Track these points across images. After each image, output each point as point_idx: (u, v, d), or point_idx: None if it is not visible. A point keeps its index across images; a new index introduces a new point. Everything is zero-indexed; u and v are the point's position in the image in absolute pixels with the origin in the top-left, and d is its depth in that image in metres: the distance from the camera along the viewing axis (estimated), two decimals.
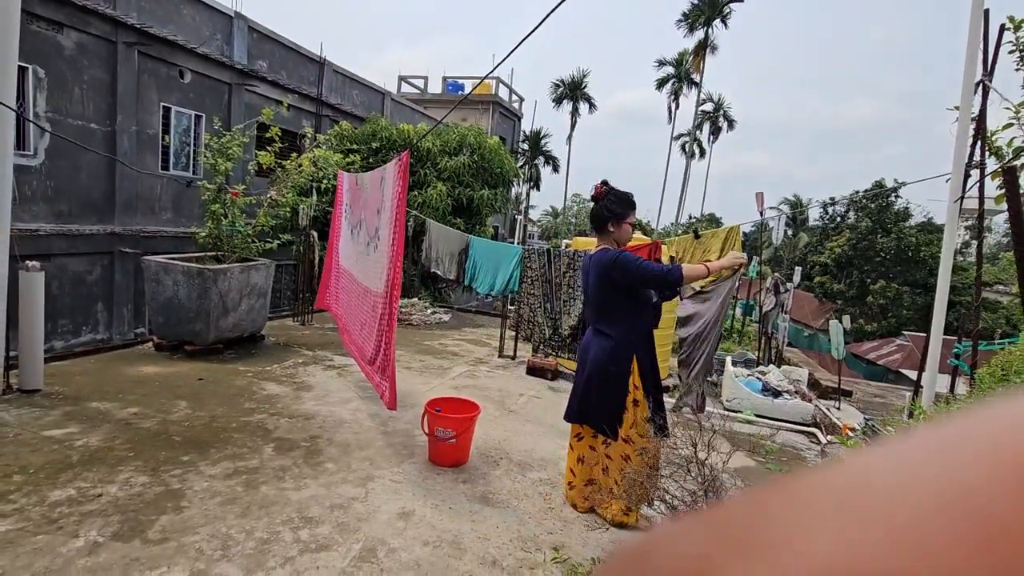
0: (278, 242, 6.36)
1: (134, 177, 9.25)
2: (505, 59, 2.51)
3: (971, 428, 0.16)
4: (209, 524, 2.52)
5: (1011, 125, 3.42)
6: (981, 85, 3.18)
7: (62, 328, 8.54)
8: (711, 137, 38.30)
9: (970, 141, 3.34)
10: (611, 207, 2.80)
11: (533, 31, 2.44)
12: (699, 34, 31.41)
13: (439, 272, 7.71)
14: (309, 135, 7.82)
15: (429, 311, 8.97)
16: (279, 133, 6.15)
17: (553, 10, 2.27)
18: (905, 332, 18.67)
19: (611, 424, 2.74)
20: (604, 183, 2.88)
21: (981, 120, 3.20)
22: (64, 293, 8.53)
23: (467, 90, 22.35)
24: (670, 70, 34.46)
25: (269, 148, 6.21)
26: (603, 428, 2.76)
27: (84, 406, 3.80)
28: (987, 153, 3.34)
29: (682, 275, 2.63)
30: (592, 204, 2.91)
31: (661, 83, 35.09)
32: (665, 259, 5.31)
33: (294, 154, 6.79)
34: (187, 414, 3.82)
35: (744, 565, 0.16)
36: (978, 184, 3.21)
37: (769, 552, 0.15)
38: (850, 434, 4.02)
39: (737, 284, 3.18)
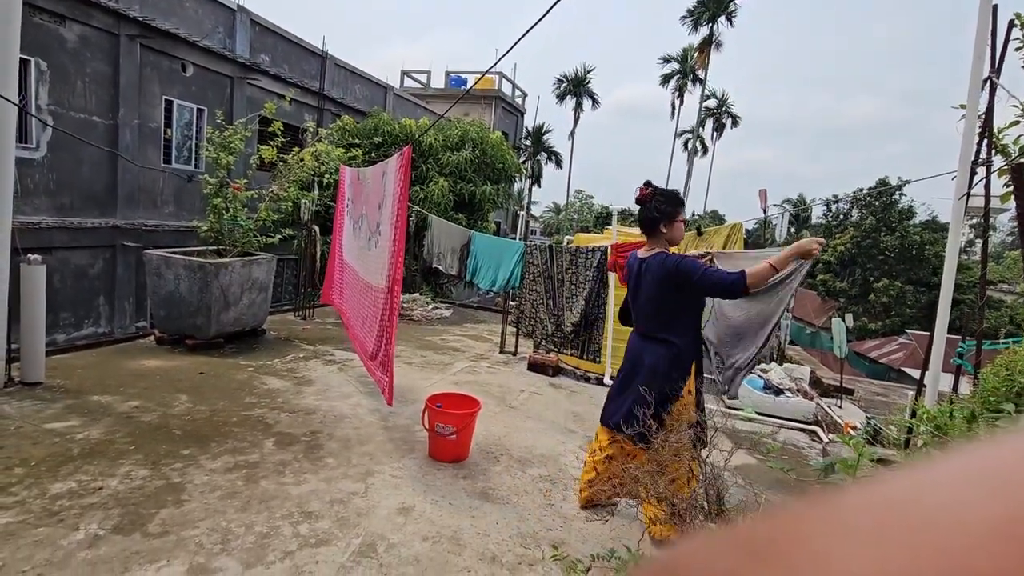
0: (279, 236, 6.35)
1: (136, 171, 9.24)
2: (507, 53, 2.50)
3: (1020, 452, 0.16)
4: (209, 518, 2.53)
5: (1018, 123, 3.39)
6: (988, 82, 3.15)
7: (64, 321, 8.56)
8: (715, 134, 38.19)
9: (976, 138, 3.31)
10: (660, 207, 2.67)
11: (535, 25, 2.43)
12: (703, 31, 31.29)
13: (441, 268, 7.70)
14: (311, 129, 7.80)
15: (430, 306, 8.97)
16: (281, 127, 6.13)
17: (555, 4, 2.25)
18: (908, 331, 18.63)
19: (653, 431, 2.62)
20: (648, 184, 2.75)
21: (988, 117, 3.17)
22: (66, 286, 8.55)
23: (470, 85, 22.27)
24: (675, 66, 34.33)
25: (271, 142, 6.19)
26: (644, 435, 2.58)
27: (85, 399, 3.80)
28: (993, 151, 3.31)
29: (747, 284, 2.41)
30: (639, 208, 2.76)
31: (666, 79, 34.96)
32: None
33: (296, 148, 6.77)
34: (188, 408, 3.82)
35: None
36: (984, 181, 3.18)
37: (794, 566, 0.15)
38: (852, 433, 4.01)
39: (801, 277, 2.81)
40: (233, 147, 5.82)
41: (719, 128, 38.06)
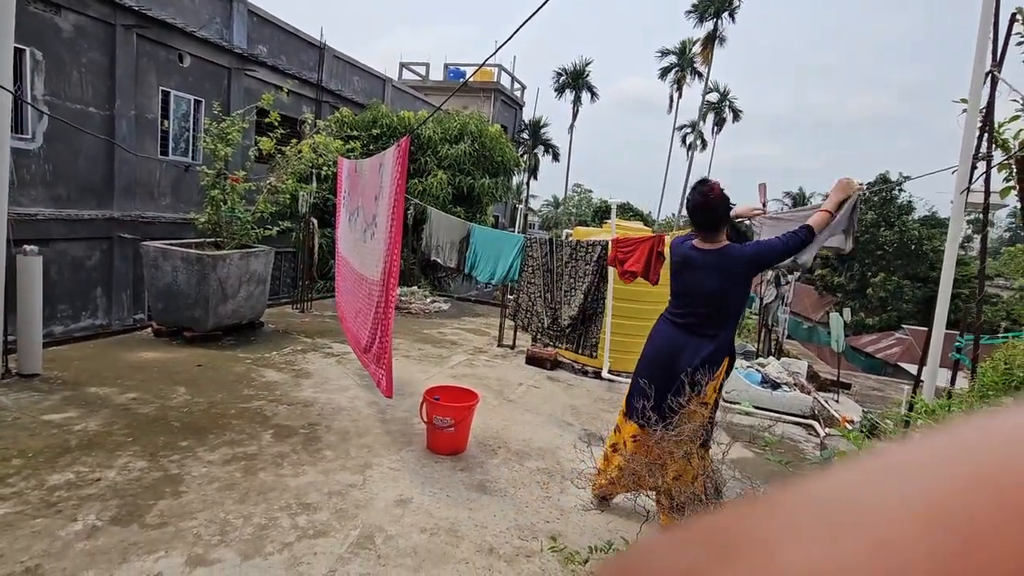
0: (277, 229, 6.32)
1: (133, 162, 9.19)
2: (504, 44, 2.47)
3: (956, 443, 0.16)
4: (207, 509, 2.53)
5: (1018, 117, 3.38)
6: (990, 76, 3.13)
7: (61, 313, 8.54)
8: (715, 128, 38.06)
9: (977, 133, 3.30)
10: (727, 207, 2.67)
11: (533, 15, 2.40)
12: (708, 25, 31.15)
13: (439, 260, 7.68)
14: (309, 121, 7.76)
15: (428, 300, 8.96)
16: (279, 119, 6.09)
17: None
18: (905, 326, 18.69)
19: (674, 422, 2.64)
20: (717, 183, 2.72)
21: (989, 112, 3.16)
22: (63, 278, 8.52)
23: (468, 76, 22.15)
24: (673, 59, 34.19)
25: (270, 134, 6.15)
26: (665, 426, 2.60)
27: (83, 391, 3.80)
28: (993, 145, 3.31)
29: (814, 232, 2.60)
30: (704, 205, 2.66)
31: (664, 72, 34.82)
32: (667, 252, 5.29)
33: (294, 140, 6.74)
34: (186, 400, 3.82)
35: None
36: (984, 176, 3.18)
37: (752, 564, 0.16)
38: (848, 426, 4.03)
39: (854, 209, 2.96)
40: (231, 139, 5.79)
41: (719, 123, 37.95)
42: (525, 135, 29.06)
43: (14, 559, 2.09)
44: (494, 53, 2.94)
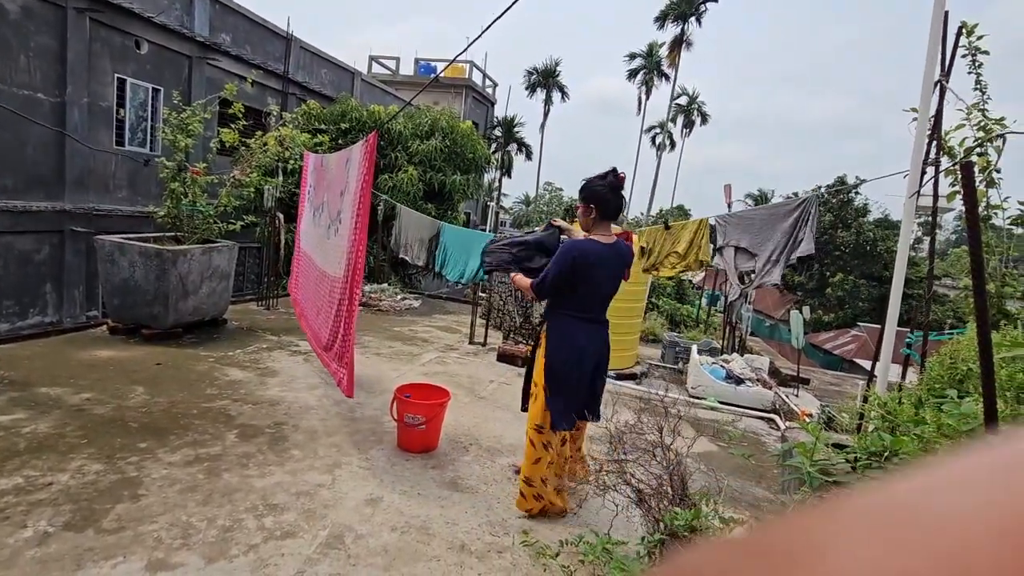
0: (241, 223, 6.15)
1: (86, 152, 8.78)
2: (475, 40, 2.47)
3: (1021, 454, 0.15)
4: (168, 512, 2.45)
5: (963, 126, 3.57)
6: (939, 85, 3.30)
7: (7, 310, 8.11)
8: (684, 130, 38.84)
9: (926, 139, 3.46)
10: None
11: (504, 12, 2.40)
12: (674, 29, 31.75)
13: (408, 259, 7.61)
14: (275, 113, 7.56)
15: (399, 297, 8.87)
16: (243, 110, 5.92)
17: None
18: (860, 323, 19.48)
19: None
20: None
21: (938, 119, 3.33)
22: (8, 272, 8.08)
23: (440, 71, 21.96)
24: (640, 62, 34.72)
25: (233, 125, 5.97)
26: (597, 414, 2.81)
27: (33, 391, 3.62)
28: (941, 152, 3.48)
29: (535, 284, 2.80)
30: (614, 195, 2.71)
31: (632, 74, 35.31)
32: (636, 249, 5.39)
33: (259, 132, 6.55)
34: (144, 400, 3.68)
35: None
36: (932, 181, 3.34)
37: (809, 570, 0.15)
38: (807, 420, 4.19)
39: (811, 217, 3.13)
40: (191, 129, 5.59)
41: (688, 124, 38.73)
42: (497, 132, 29.03)
43: None
44: (465, 49, 2.92)
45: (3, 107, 7.18)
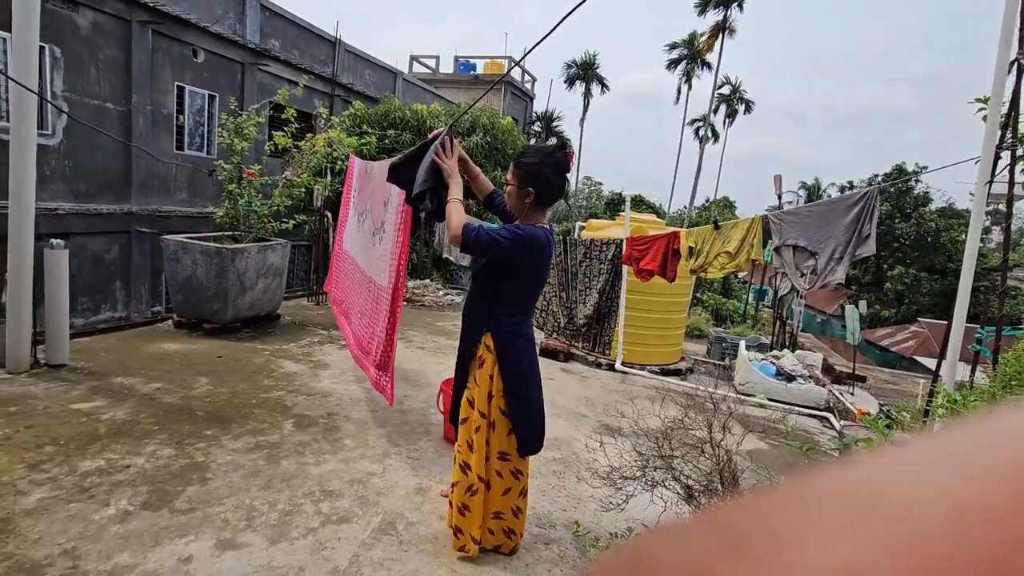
0: (293, 222, 6.39)
1: (149, 157, 9.31)
2: (532, 49, 2.43)
3: (987, 437, 0.15)
4: (233, 495, 2.60)
5: None
6: (1015, 65, 3.08)
7: (81, 306, 8.71)
8: (727, 120, 37.61)
9: (999, 124, 3.25)
10: None
11: (560, 22, 2.27)
12: (715, 16, 30.77)
13: (451, 258, 7.72)
14: (323, 115, 7.80)
15: (441, 292, 9.01)
16: (295, 114, 6.14)
17: (579, 4, 2.17)
18: (920, 319, 18.44)
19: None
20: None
21: (1015, 102, 3.11)
22: (83, 271, 8.68)
23: (479, 69, 22.09)
24: (682, 51, 33.81)
25: (285, 129, 6.21)
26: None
27: (109, 381, 3.89)
28: (1017, 136, 3.26)
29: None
30: (564, 176, 2.35)
31: (673, 64, 34.44)
32: (684, 250, 5.27)
33: (308, 134, 6.78)
34: (208, 390, 3.90)
35: (737, 573, 0.15)
36: (1009, 167, 3.13)
37: (764, 560, 0.15)
38: (866, 419, 4.02)
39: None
40: (247, 133, 5.85)
41: (731, 114, 37.48)
42: (536, 127, 28.94)
43: (52, 541, 2.16)
44: (522, 59, 2.93)
45: (77, 120, 7.70)
